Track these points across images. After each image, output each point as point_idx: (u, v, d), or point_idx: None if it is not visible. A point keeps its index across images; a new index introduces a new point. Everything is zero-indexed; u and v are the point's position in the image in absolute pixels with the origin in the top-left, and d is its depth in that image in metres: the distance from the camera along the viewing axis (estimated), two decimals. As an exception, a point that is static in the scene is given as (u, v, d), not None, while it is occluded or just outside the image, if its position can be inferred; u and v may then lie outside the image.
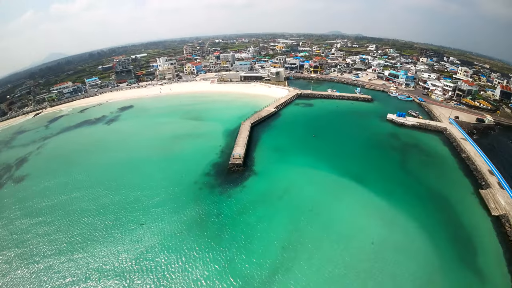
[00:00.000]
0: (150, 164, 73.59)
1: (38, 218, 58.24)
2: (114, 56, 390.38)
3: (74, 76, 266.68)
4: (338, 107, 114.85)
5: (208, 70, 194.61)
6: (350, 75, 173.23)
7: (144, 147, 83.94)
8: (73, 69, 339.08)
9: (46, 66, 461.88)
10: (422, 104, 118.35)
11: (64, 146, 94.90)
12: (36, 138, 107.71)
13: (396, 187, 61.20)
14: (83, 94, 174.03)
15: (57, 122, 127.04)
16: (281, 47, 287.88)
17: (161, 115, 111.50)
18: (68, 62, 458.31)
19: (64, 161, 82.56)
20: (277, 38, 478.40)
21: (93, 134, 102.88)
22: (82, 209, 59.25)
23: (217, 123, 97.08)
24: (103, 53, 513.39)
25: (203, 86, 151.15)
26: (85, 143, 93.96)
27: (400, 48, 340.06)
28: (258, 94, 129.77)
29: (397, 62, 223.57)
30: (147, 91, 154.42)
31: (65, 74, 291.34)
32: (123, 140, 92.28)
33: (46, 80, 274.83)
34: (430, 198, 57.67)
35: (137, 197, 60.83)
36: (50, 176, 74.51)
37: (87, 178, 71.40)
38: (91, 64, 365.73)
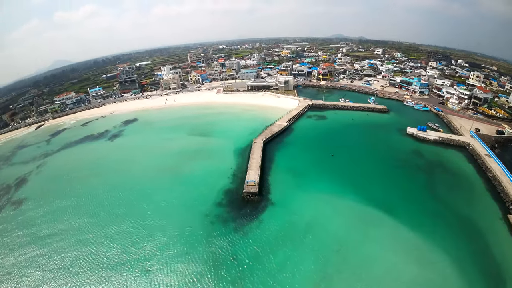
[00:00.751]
0: (156, 191, 65.94)
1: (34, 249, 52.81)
2: (118, 64, 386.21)
3: (78, 85, 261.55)
4: (353, 120, 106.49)
5: (214, 78, 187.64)
6: (361, 82, 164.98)
7: (149, 169, 76.48)
8: (77, 77, 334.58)
9: (51, 74, 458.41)
10: (439, 114, 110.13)
11: (64, 166, 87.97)
12: (36, 155, 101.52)
13: (425, 216, 54.51)
14: (86, 105, 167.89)
15: (59, 137, 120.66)
16: (286, 53, 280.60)
17: (167, 130, 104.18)
18: (73, 70, 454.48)
19: (64, 183, 76.21)
20: (280, 43, 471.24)
21: (95, 151, 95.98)
22: (80, 244, 52.60)
23: (226, 140, 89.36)
24: (108, 61, 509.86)
25: (209, 97, 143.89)
26: (86, 163, 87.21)
27: (406, 51, 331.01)
28: (267, 106, 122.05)
29: (406, 67, 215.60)
30: (151, 102, 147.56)
31: (69, 82, 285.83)
32: (126, 160, 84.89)
33: (50, 89, 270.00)
34: (459, 226, 51.91)
35: (143, 235, 53.22)
36: (49, 200, 68.65)
37: (88, 205, 64.72)
38: (95, 72, 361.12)
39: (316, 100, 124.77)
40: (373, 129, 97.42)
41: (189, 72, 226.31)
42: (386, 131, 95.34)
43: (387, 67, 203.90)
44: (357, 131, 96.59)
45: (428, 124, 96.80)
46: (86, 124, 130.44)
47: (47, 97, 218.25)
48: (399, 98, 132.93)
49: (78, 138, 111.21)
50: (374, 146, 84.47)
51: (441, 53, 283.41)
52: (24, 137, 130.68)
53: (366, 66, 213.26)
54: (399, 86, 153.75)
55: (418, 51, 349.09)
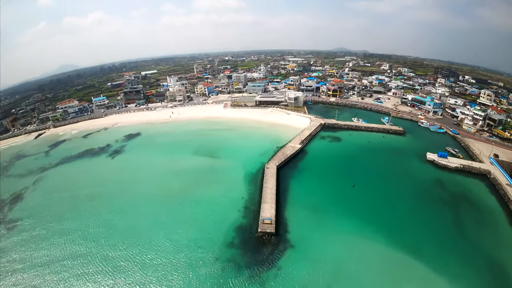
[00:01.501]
0: (157, 225, 57.78)
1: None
2: (124, 72, 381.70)
3: (83, 91, 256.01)
4: (370, 143, 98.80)
5: (220, 91, 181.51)
6: (372, 99, 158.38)
7: (151, 196, 68.45)
8: (82, 83, 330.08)
9: (56, 78, 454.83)
10: (456, 137, 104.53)
11: (61, 185, 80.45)
12: (34, 168, 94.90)
13: (456, 260, 48.49)
14: (89, 114, 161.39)
15: (58, 149, 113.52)
16: (293, 66, 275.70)
17: (171, 148, 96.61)
18: (79, 76, 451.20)
19: (60, 205, 69.73)
20: (285, 56, 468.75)
21: (94, 169, 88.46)
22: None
23: (236, 162, 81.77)
24: (114, 67, 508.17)
25: (216, 111, 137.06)
26: (83, 182, 79.60)
27: (412, 66, 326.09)
28: (277, 123, 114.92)
29: (415, 84, 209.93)
30: (156, 114, 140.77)
31: (74, 89, 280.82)
32: (126, 182, 77.07)
33: (54, 95, 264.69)
34: (489, 270, 46.75)
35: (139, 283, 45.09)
36: (43, 222, 63.41)
37: (81, 234, 57.87)
38: (101, 79, 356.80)
39: (329, 119, 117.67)
40: (392, 154, 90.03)
41: (195, 83, 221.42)
42: (406, 156, 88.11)
43: (396, 83, 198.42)
44: (376, 156, 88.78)
45: (447, 149, 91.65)
46: (87, 136, 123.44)
47: (50, 103, 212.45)
48: (414, 118, 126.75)
49: (77, 151, 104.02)
50: (395, 175, 76.96)
51: (448, 69, 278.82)
52: (23, 146, 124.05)
53: (374, 82, 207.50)
54: (412, 105, 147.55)
55: (423, 66, 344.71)
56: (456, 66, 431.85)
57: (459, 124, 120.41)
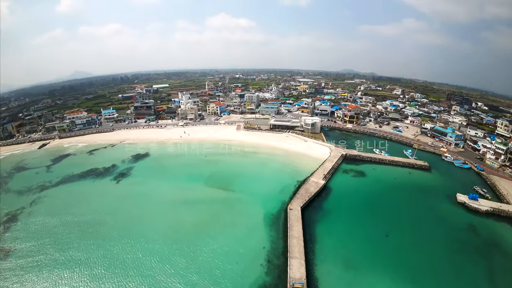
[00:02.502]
0: (162, 280, 47.75)
1: None
2: (136, 84, 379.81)
3: (93, 101, 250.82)
4: (396, 179, 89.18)
5: (232, 111, 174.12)
6: (390, 128, 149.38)
7: (156, 237, 58.48)
8: (93, 92, 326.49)
9: (69, 85, 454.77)
10: (481, 174, 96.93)
11: (60, 209, 72.03)
12: (33, 185, 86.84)
13: None
14: (97, 127, 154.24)
15: (61, 164, 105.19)
16: (305, 88, 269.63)
17: (182, 175, 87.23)
18: (91, 84, 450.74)
19: (56, 233, 62.24)
20: (294, 76, 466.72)
21: (97, 193, 79.27)
22: None
23: (253, 199, 71.97)
24: (126, 78, 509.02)
25: (229, 133, 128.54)
26: (84, 209, 71.05)
27: (423, 91, 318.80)
28: (295, 152, 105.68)
29: (430, 111, 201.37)
30: (166, 133, 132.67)
31: (84, 97, 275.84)
32: (130, 212, 67.97)
33: (64, 102, 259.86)
34: None
35: None
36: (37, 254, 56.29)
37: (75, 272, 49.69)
38: (112, 89, 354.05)
39: (349, 150, 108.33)
40: (421, 193, 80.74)
41: (207, 100, 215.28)
42: (435, 197, 79.33)
43: (412, 110, 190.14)
44: (404, 196, 79.16)
45: (475, 189, 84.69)
46: (93, 152, 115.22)
47: (58, 111, 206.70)
48: (436, 151, 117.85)
49: (81, 170, 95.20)
50: (427, 220, 68.29)
51: (461, 95, 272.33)
52: (25, 156, 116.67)
53: (389, 108, 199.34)
54: (432, 136, 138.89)
55: (434, 91, 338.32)
56: (466, 91, 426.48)
57: (482, 159, 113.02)
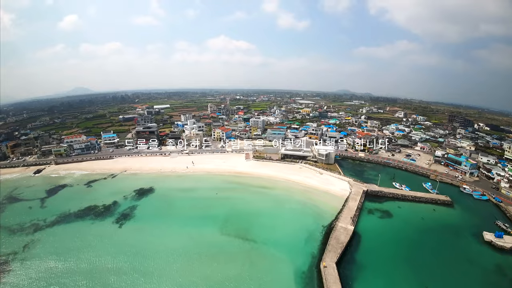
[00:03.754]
0: None
1: None
2: (136, 104, 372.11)
3: (93, 121, 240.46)
4: (423, 220, 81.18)
5: (238, 136, 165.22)
6: (401, 155, 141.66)
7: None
8: (94, 111, 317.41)
9: (68, 101, 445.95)
10: (500, 206, 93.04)
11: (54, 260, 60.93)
12: (26, 222, 77.04)
13: None
14: (96, 153, 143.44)
15: (56, 197, 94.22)
16: (308, 111, 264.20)
17: (192, 218, 75.81)
18: (91, 102, 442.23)
19: None
20: (294, 97, 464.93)
21: (96, 240, 67.53)
22: None
23: (278, 253, 61.03)
24: (127, 97, 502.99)
25: (238, 163, 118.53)
26: (81, 260, 59.92)
27: (423, 112, 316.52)
28: (313, 187, 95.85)
29: (436, 135, 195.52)
30: (172, 163, 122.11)
31: (84, 117, 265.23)
32: (135, 269, 56.34)
33: (63, 120, 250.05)
34: None
35: None
36: None
37: None
38: (112, 108, 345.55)
39: (370, 185, 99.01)
40: (449, 235, 74.32)
41: (210, 123, 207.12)
42: (464, 238, 73.74)
43: (419, 135, 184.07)
44: (435, 239, 71.86)
45: (497, 224, 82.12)
46: (92, 184, 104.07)
47: (56, 131, 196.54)
48: (454, 182, 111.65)
49: (78, 207, 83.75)
50: (460, 265, 62.82)
51: (462, 117, 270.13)
52: (19, 183, 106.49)
53: (395, 132, 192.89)
54: (445, 164, 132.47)
55: (433, 112, 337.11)
56: (463, 109, 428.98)
57: (498, 188, 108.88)
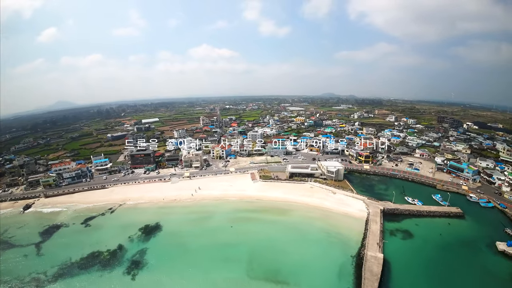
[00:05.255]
0: None
1: None
2: (124, 119, 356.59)
3: (79, 141, 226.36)
4: (442, 236, 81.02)
5: (238, 153, 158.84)
6: (404, 165, 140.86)
7: None
8: (79, 128, 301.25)
9: (51, 118, 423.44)
10: (506, 212, 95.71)
11: None
12: (25, 276, 67.55)
13: None
14: (88, 181, 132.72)
15: (53, 241, 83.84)
16: (302, 120, 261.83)
17: (213, 260, 68.41)
18: (75, 117, 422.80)
19: None
20: (282, 104, 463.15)
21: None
22: None
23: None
24: (112, 111, 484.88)
25: (245, 186, 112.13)
26: None
27: (411, 114, 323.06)
28: (330, 210, 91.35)
29: (430, 138, 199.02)
30: (174, 189, 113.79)
31: (69, 136, 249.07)
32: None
33: (47, 141, 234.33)
34: None
35: None
36: None
37: None
38: (99, 124, 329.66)
39: (385, 202, 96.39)
40: (466, 249, 75.31)
41: (205, 138, 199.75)
42: (480, 250, 74.96)
43: (415, 140, 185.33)
44: (455, 256, 72.25)
45: (506, 231, 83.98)
46: (89, 221, 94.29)
47: (41, 155, 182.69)
48: (459, 191, 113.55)
49: (80, 254, 74.02)
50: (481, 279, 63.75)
51: (450, 118, 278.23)
52: (8, 223, 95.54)
53: (391, 139, 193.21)
54: (448, 171, 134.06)
55: (420, 113, 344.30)
56: (447, 107, 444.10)
57: (501, 193, 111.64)
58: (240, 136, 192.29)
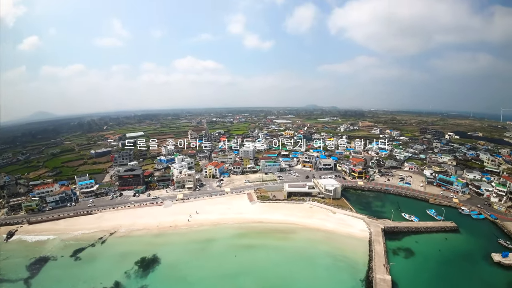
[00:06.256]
0: None
1: None
2: (107, 134, 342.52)
3: (61, 158, 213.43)
4: (441, 251, 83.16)
5: (232, 170, 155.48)
6: (396, 179, 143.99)
7: None
8: (59, 143, 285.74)
9: (30, 130, 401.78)
10: (496, 223, 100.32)
11: None
12: None
13: None
14: (73, 205, 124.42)
15: (42, 276, 76.30)
16: (290, 133, 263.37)
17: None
18: (55, 130, 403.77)
19: None
20: (270, 117, 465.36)
21: None
22: None
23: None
24: (94, 124, 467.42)
25: (243, 208, 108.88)
26: None
27: (393, 125, 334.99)
28: (333, 232, 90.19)
29: (416, 150, 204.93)
30: (167, 214, 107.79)
31: (50, 153, 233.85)
32: None
33: (27, 158, 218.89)
34: None
35: None
36: None
37: None
38: (81, 138, 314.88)
39: (383, 220, 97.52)
40: (465, 263, 77.74)
41: (195, 155, 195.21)
42: (477, 264, 77.77)
43: (402, 153, 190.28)
44: (456, 271, 74.24)
45: (500, 242, 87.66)
46: (79, 253, 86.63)
47: (21, 173, 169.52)
48: (451, 204, 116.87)
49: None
50: None
51: (432, 129, 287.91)
52: None
53: (379, 152, 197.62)
54: (438, 185, 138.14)
55: (402, 124, 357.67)
56: (426, 117, 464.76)
57: (490, 204, 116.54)
58: (232, 152, 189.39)
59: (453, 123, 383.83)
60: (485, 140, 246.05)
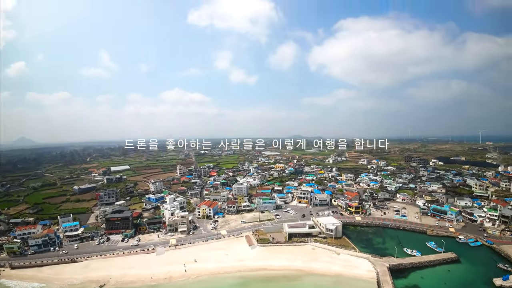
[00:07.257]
0: None
1: None
2: (91, 167, 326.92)
3: (43, 193, 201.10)
4: (446, 285, 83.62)
5: (226, 210, 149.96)
6: (391, 212, 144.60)
7: None
8: (41, 176, 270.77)
9: (11, 159, 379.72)
10: (493, 248, 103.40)
11: None
12: None
13: None
14: (57, 250, 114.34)
15: None
16: (281, 167, 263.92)
17: None
18: (36, 160, 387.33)
19: None
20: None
21: None
22: None
23: None
24: (77, 154, 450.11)
25: (243, 254, 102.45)
26: None
27: (379, 155, 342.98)
28: (340, 275, 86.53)
29: (405, 180, 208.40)
30: (161, 263, 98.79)
31: (31, 186, 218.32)
32: None
33: (7, 190, 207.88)
34: None
35: None
36: None
37: None
38: (63, 170, 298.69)
39: (388, 258, 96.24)
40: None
41: (185, 191, 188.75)
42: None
43: (393, 184, 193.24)
44: None
45: (499, 267, 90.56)
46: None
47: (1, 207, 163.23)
48: (448, 234, 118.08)
49: None
50: None
51: (417, 157, 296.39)
52: None
53: (370, 184, 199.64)
54: (432, 215, 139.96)
55: (386, 153, 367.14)
56: (407, 144, 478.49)
57: (485, 230, 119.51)
58: (224, 189, 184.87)
59: (434, 148, 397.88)
60: (469, 164, 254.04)
